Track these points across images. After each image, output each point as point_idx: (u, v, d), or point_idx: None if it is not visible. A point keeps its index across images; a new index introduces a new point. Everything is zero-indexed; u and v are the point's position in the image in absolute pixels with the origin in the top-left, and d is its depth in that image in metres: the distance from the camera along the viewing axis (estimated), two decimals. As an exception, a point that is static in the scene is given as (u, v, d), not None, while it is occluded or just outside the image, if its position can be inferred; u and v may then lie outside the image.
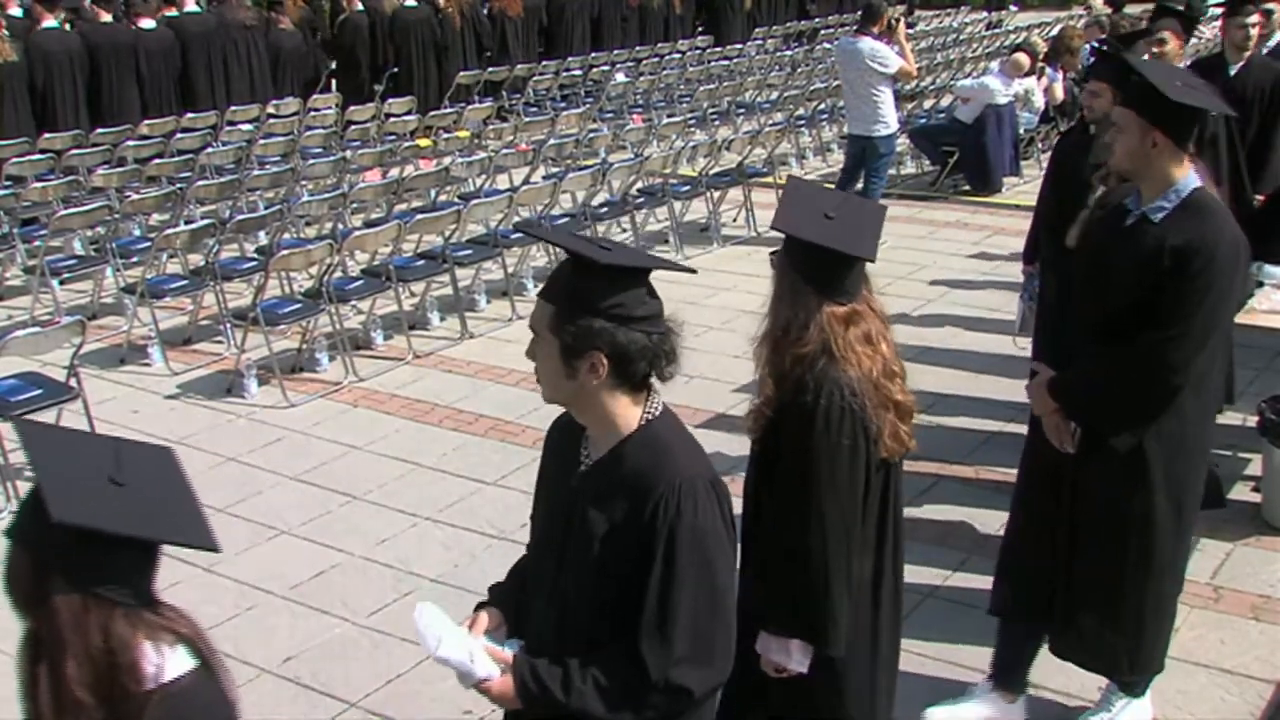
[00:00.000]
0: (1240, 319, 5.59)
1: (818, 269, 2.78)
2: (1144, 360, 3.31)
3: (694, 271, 2.96)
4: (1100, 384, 3.43)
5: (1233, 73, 6.50)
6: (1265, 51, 6.84)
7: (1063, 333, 3.76)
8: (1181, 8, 7.24)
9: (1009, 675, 3.91)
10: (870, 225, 2.93)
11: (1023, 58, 10.38)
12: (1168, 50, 5.82)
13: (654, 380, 2.33)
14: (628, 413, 2.30)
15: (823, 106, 13.03)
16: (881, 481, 2.85)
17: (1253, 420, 5.37)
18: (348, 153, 10.45)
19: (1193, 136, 3.42)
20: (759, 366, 2.87)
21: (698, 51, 16.76)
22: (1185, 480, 3.52)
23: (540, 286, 2.38)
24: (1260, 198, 6.41)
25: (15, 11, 12.02)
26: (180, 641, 1.88)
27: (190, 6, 12.64)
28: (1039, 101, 10.85)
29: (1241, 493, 5.41)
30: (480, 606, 2.51)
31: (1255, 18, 6.67)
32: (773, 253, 2.90)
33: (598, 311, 2.21)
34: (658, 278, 2.32)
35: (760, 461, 2.93)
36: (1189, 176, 3.35)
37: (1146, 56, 5.43)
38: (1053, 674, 4.13)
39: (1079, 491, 3.54)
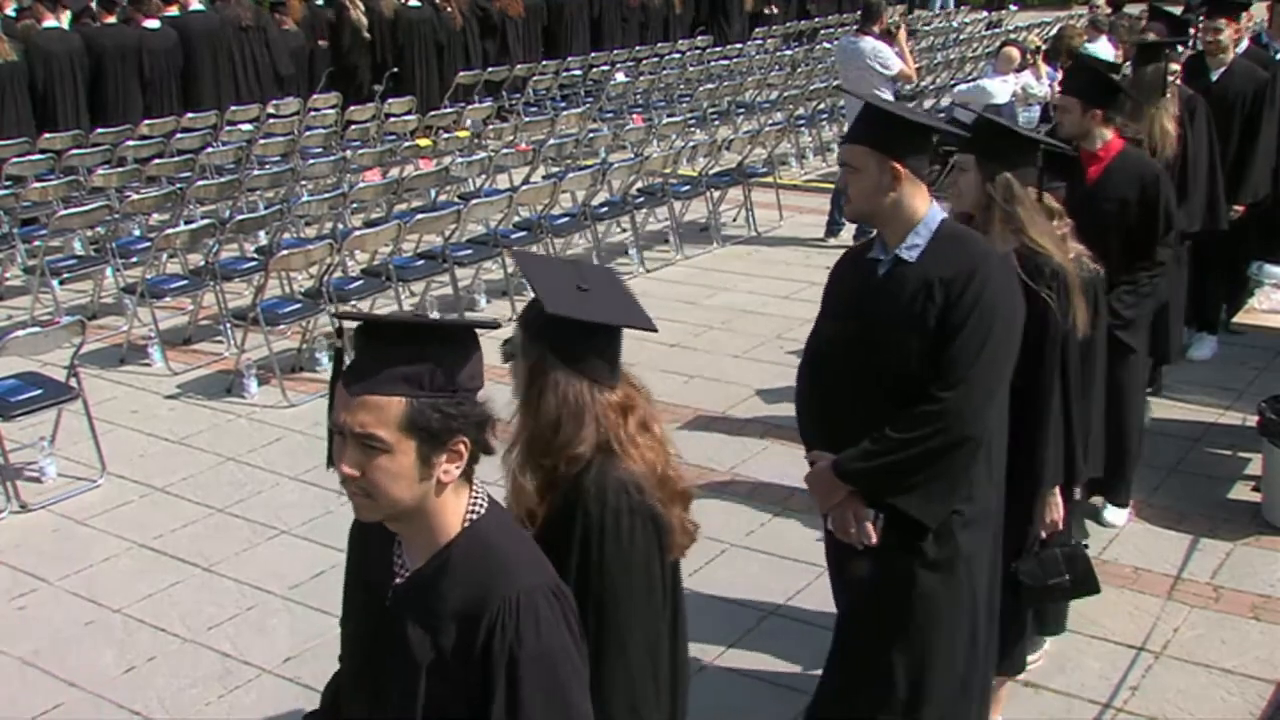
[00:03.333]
0: (1240, 319, 5.62)
1: (589, 352, 2.34)
2: (940, 412, 2.93)
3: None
4: (895, 451, 2.97)
5: (1215, 78, 6.49)
6: (1240, 52, 6.83)
7: (832, 410, 3.20)
8: (1179, 10, 7.25)
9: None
10: (623, 291, 2.52)
11: (1012, 51, 10.36)
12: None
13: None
14: (452, 510, 1.95)
15: (823, 106, 13.03)
16: (671, 583, 2.45)
17: (1253, 420, 5.38)
18: (348, 153, 10.45)
19: (927, 163, 3.12)
20: (516, 476, 2.34)
21: (698, 51, 16.76)
22: (978, 557, 3.13)
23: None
24: (1239, 208, 6.42)
25: (10, 11, 12.02)
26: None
27: (195, 5, 12.65)
28: (1042, 90, 10.83)
29: (1241, 493, 5.41)
30: None
31: (1224, 23, 6.67)
32: (506, 343, 2.40)
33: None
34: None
35: None
36: (934, 208, 3.06)
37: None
38: (1053, 674, 4.14)
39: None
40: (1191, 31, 7.31)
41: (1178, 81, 5.82)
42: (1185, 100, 5.83)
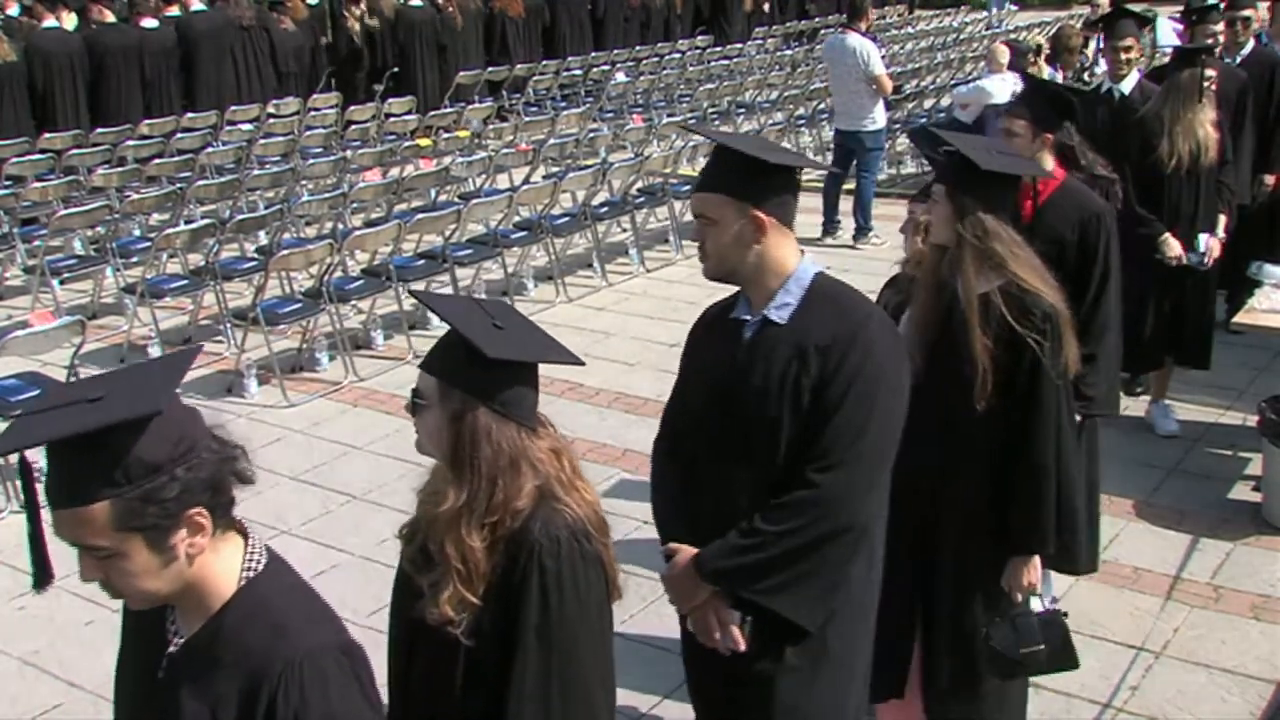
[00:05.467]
0: (1240, 319, 5.61)
1: (516, 394, 2.17)
2: (816, 499, 2.52)
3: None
4: (768, 540, 2.54)
5: None
6: (1239, 60, 6.84)
7: (693, 496, 2.76)
8: (1139, 9, 7.22)
9: None
10: (533, 325, 2.35)
11: (1000, 48, 10.35)
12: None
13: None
14: (220, 572, 1.79)
15: (823, 106, 13.03)
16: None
17: (1253, 420, 5.38)
18: (348, 153, 10.46)
19: (794, 207, 2.67)
20: (463, 540, 2.13)
21: (698, 51, 16.77)
22: (850, 661, 2.71)
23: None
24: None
25: (13, 10, 12.03)
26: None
27: (197, 5, 12.66)
28: None
29: (1241, 493, 5.41)
30: None
31: (1220, 26, 6.67)
32: (415, 393, 2.22)
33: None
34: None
35: (475, 665, 2.17)
36: (805, 261, 2.66)
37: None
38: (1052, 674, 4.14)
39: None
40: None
41: (1213, 87, 5.65)
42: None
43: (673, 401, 2.87)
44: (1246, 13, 6.86)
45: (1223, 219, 5.76)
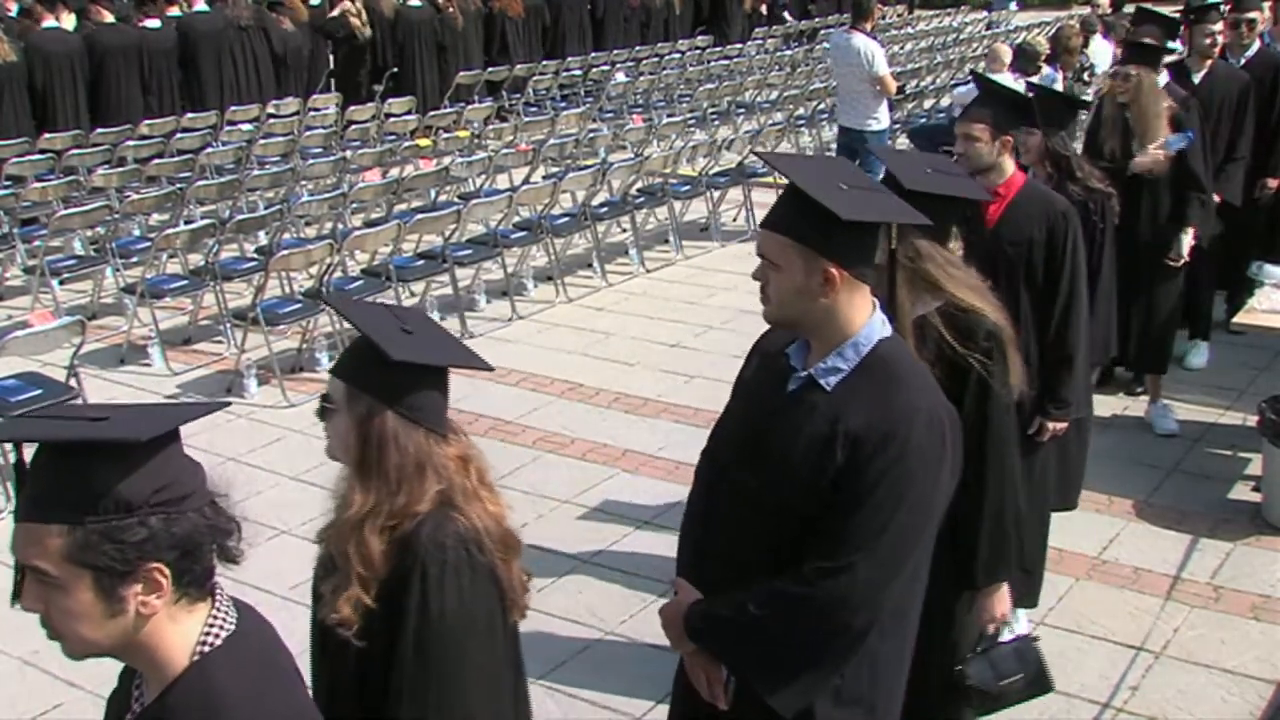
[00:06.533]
0: (1240, 319, 5.62)
1: (423, 399, 2.16)
2: (815, 598, 2.30)
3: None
4: (756, 623, 2.36)
5: (1197, 80, 6.48)
6: (1243, 62, 6.84)
7: (707, 530, 2.60)
8: (1177, 11, 7.24)
9: None
10: (444, 331, 2.32)
11: (1001, 48, 10.34)
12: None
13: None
14: (173, 642, 1.63)
15: (823, 106, 13.03)
16: (512, 653, 2.27)
17: (1253, 420, 5.38)
18: (348, 153, 10.45)
19: (874, 258, 2.42)
20: (367, 541, 2.12)
21: (698, 51, 16.77)
22: None
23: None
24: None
25: (12, 11, 12.02)
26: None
27: (199, 5, 12.66)
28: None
29: (1241, 493, 5.41)
30: None
31: (1220, 25, 6.67)
32: (324, 398, 2.21)
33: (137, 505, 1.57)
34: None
35: (367, 667, 2.12)
36: (873, 322, 2.41)
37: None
38: (1053, 674, 4.13)
39: None
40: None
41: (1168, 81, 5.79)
42: (1180, 101, 5.83)
43: (721, 418, 2.69)
44: (1252, 14, 6.86)
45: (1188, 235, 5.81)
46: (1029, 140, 4.73)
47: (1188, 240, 5.80)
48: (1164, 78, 5.95)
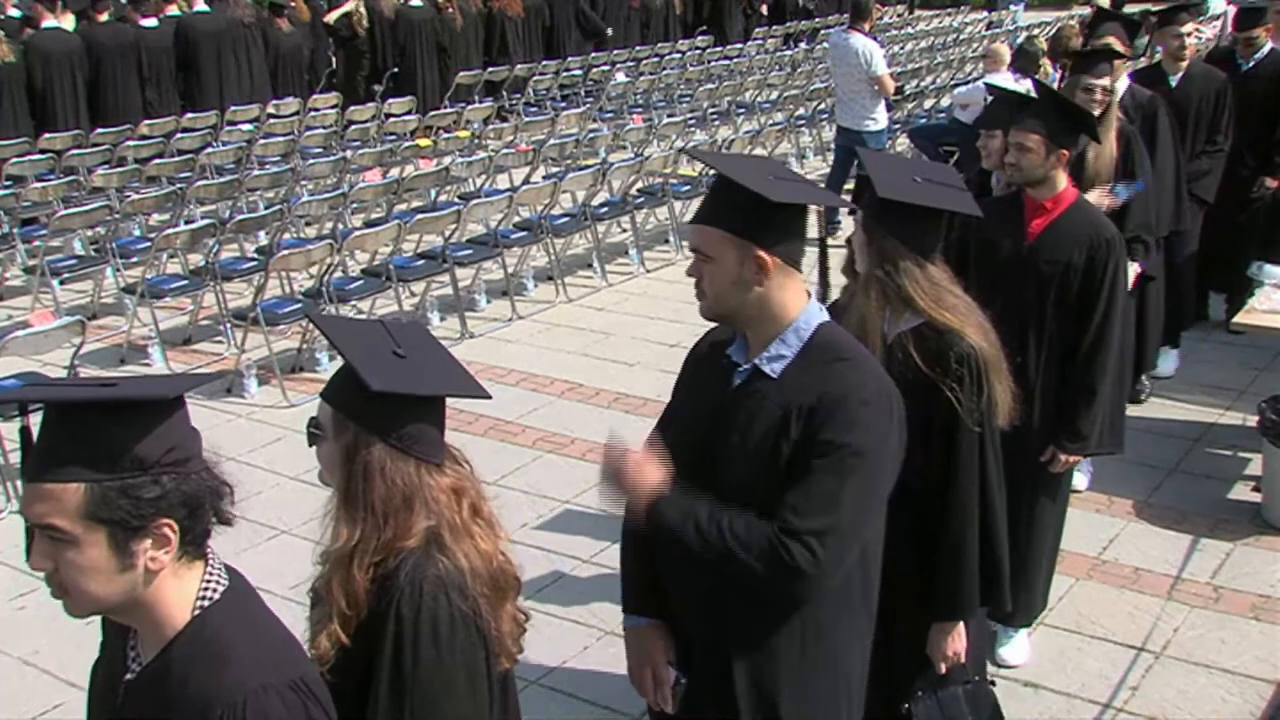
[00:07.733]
0: (1240, 319, 5.62)
1: (414, 428, 2.06)
2: (770, 548, 2.30)
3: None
4: (710, 536, 2.35)
5: (1174, 84, 6.45)
6: (1253, 64, 6.83)
7: None
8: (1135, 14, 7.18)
9: None
10: (443, 352, 2.23)
11: (1000, 48, 10.34)
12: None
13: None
14: (175, 598, 1.71)
15: (823, 106, 13.03)
16: (501, 695, 2.17)
17: (1253, 420, 5.38)
18: (348, 153, 10.45)
19: (804, 244, 2.44)
20: (355, 575, 2.04)
21: (698, 51, 16.77)
22: None
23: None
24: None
25: (13, 13, 12.02)
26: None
27: (200, 5, 12.66)
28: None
29: (1241, 493, 5.41)
30: None
31: (1190, 26, 6.63)
32: (313, 422, 2.13)
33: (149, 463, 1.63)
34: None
35: (338, 702, 1.96)
36: (809, 309, 2.44)
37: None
38: (1053, 674, 4.14)
39: None
40: (1207, 33, 7.24)
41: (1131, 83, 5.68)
42: (1145, 101, 5.79)
43: (660, 423, 2.65)
44: (1256, 33, 6.85)
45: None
46: (990, 144, 4.67)
47: (1134, 270, 5.50)
48: (1124, 82, 5.81)
